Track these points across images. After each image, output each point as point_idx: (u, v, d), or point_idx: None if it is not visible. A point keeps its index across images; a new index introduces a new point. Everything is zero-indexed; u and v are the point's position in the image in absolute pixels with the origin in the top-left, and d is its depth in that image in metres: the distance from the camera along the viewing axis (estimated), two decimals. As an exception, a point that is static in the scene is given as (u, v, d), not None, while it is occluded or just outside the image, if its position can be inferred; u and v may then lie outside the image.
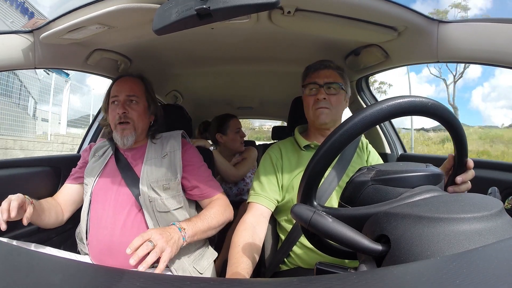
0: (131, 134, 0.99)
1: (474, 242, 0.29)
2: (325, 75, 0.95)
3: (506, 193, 0.85)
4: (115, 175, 0.98)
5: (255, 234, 0.82)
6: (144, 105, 1.03)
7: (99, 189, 0.97)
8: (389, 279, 0.22)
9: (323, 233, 0.36)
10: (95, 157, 1.06)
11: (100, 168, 1.00)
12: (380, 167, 0.47)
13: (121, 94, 1.00)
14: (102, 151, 1.07)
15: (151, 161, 0.99)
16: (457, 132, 0.46)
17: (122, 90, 1.01)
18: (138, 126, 1.00)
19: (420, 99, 0.41)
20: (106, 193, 0.95)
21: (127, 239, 0.85)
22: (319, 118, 0.93)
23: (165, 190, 0.94)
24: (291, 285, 0.23)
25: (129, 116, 0.98)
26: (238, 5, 0.50)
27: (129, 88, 1.01)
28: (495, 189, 0.49)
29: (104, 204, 0.93)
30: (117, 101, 1.00)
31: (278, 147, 1.00)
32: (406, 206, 0.36)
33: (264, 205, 0.89)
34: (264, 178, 0.93)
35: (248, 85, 1.89)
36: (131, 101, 1.00)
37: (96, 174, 0.99)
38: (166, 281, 0.23)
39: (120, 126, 0.98)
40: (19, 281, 0.21)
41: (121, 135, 0.98)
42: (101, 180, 0.98)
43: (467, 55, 0.78)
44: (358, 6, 0.77)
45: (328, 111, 0.93)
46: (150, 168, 0.97)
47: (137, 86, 1.03)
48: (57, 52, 0.96)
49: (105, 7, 0.74)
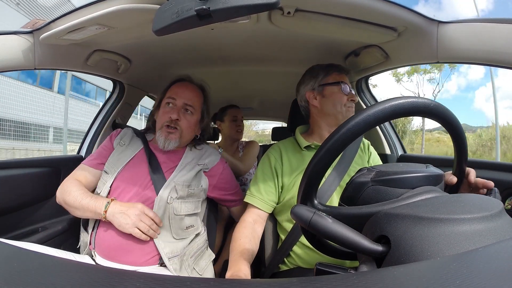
0: (175, 140, 0.97)
1: (474, 243, 0.29)
2: (347, 80, 0.99)
3: (506, 194, 0.85)
4: (142, 171, 0.94)
5: (254, 231, 0.88)
6: (197, 118, 1.02)
7: (121, 181, 0.93)
8: (389, 280, 0.22)
9: (323, 233, 0.36)
10: (120, 145, 1.02)
11: (126, 160, 0.96)
12: (380, 168, 0.47)
13: (179, 99, 0.98)
14: (127, 140, 1.03)
15: (184, 166, 0.98)
16: (457, 135, 0.46)
17: (182, 96, 0.99)
18: (184, 135, 0.99)
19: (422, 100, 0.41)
20: (128, 187, 0.92)
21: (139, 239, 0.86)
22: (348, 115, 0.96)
23: (189, 195, 0.94)
24: (291, 285, 0.23)
25: (180, 124, 0.97)
26: (238, 6, 0.50)
27: (189, 97, 0.99)
28: (495, 190, 0.49)
29: (124, 198, 0.90)
30: (172, 104, 0.98)
31: (278, 147, 1.00)
32: (406, 207, 0.36)
33: (258, 207, 0.92)
34: (261, 181, 0.95)
35: (247, 86, 1.89)
36: (186, 110, 0.99)
37: (121, 165, 0.95)
38: (166, 281, 0.23)
39: (167, 129, 0.96)
40: (19, 281, 0.21)
41: (165, 138, 0.96)
42: (125, 173, 0.94)
43: (467, 55, 0.78)
44: (358, 7, 0.77)
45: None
46: (181, 172, 0.96)
47: (198, 97, 1.02)
48: (57, 53, 0.96)
49: (105, 7, 0.74)
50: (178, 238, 0.91)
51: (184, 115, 0.98)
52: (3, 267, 0.25)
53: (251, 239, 0.84)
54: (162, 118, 0.98)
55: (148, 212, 0.85)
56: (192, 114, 1.00)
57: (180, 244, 0.92)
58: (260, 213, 0.92)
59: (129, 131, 1.08)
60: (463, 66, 7.66)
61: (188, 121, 0.98)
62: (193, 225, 0.96)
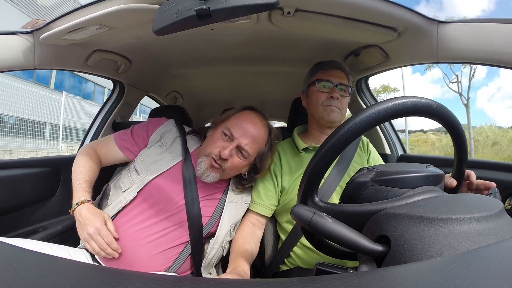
0: (214, 176, 0.84)
1: (474, 243, 0.29)
2: (339, 76, 0.96)
3: (506, 194, 0.85)
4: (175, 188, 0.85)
5: (254, 233, 0.89)
6: (249, 162, 0.88)
7: (154, 187, 0.84)
8: (389, 280, 0.22)
9: (323, 233, 0.36)
10: (160, 144, 0.92)
11: (165, 168, 0.87)
12: (380, 167, 0.47)
13: (239, 136, 0.83)
14: (169, 141, 0.92)
15: (232, 204, 0.91)
16: (458, 135, 0.46)
17: (243, 135, 0.84)
18: (226, 174, 0.87)
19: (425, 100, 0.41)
20: (158, 198, 0.84)
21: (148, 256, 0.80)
22: (330, 115, 0.92)
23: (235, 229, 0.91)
24: (291, 285, 0.23)
25: (226, 164, 0.83)
26: (238, 6, 0.50)
27: (250, 140, 0.84)
28: (495, 190, 0.49)
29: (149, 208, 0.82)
30: (229, 138, 0.84)
31: (277, 151, 0.99)
32: (406, 207, 0.36)
33: (259, 212, 0.92)
34: (261, 186, 0.95)
35: (247, 86, 1.89)
36: (241, 152, 0.84)
37: (158, 172, 0.86)
38: (166, 281, 0.23)
39: (212, 162, 0.83)
40: (19, 281, 0.21)
41: (205, 169, 0.83)
42: (160, 181, 0.85)
43: (467, 55, 0.78)
44: (358, 7, 0.77)
45: (339, 111, 0.94)
46: (232, 211, 0.90)
47: (260, 141, 0.87)
48: (57, 53, 0.96)
49: (105, 7, 0.74)
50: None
51: (236, 156, 0.84)
52: (3, 267, 0.25)
53: (250, 241, 0.85)
54: (212, 147, 0.84)
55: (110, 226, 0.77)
56: (246, 158, 0.85)
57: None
58: (260, 218, 0.93)
59: (174, 128, 0.97)
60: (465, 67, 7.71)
61: (237, 164, 0.85)
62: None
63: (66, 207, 1.20)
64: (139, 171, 0.87)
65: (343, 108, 0.95)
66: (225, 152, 0.81)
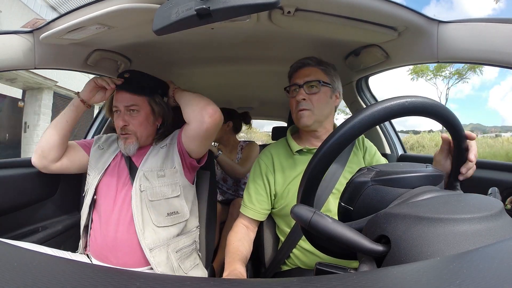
0: (133, 144, 0.97)
1: (474, 243, 0.29)
2: (305, 73, 0.92)
3: (507, 194, 0.85)
4: (122, 172, 0.98)
5: (247, 235, 0.90)
6: (146, 112, 0.99)
7: (104, 185, 0.97)
8: (389, 280, 0.22)
9: (323, 233, 0.36)
10: (98, 147, 1.05)
11: (107, 163, 1.00)
12: (380, 167, 0.47)
13: (120, 105, 0.97)
14: (107, 144, 1.07)
15: (149, 153, 1.01)
16: (457, 134, 0.46)
17: (120, 100, 0.97)
18: (141, 135, 0.99)
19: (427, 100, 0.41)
20: (111, 189, 0.95)
21: (128, 236, 0.88)
22: (300, 121, 0.90)
23: (159, 177, 0.95)
24: (291, 285, 0.23)
25: (130, 128, 0.97)
26: (238, 5, 0.50)
27: (128, 98, 0.97)
28: (495, 190, 0.49)
29: (109, 200, 0.93)
30: (118, 111, 0.98)
31: (269, 153, 0.97)
32: (406, 207, 0.36)
33: (250, 217, 0.92)
34: (253, 190, 0.94)
35: (248, 85, 1.89)
36: (132, 111, 0.97)
37: (102, 168, 0.99)
38: (166, 281, 0.23)
39: (122, 135, 0.98)
40: (19, 281, 0.21)
41: (123, 144, 0.97)
42: (107, 176, 0.98)
43: (467, 55, 0.78)
44: (358, 6, 0.76)
45: (310, 113, 0.89)
46: (147, 160, 0.98)
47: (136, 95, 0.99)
48: (57, 53, 0.96)
49: (105, 7, 0.74)
50: (160, 226, 0.91)
51: (131, 116, 0.97)
52: (3, 267, 0.25)
53: (245, 243, 0.86)
54: (116, 125, 0.99)
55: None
56: (139, 112, 0.97)
57: (163, 234, 0.91)
58: (252, 221, 0.93)
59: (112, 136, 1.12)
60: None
61: (136, 120, 0.97)
62: (176, 212, 0.96)
63: (66, 207, 1.20)
64: (90, 173, 1.01)
65: (316, 105, 0.89)
66: (120, 121, 0.96)
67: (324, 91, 0.91)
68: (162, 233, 0.91)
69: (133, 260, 0.88)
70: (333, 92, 0.94)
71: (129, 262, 0.88)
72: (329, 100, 0.92)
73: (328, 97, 0.92)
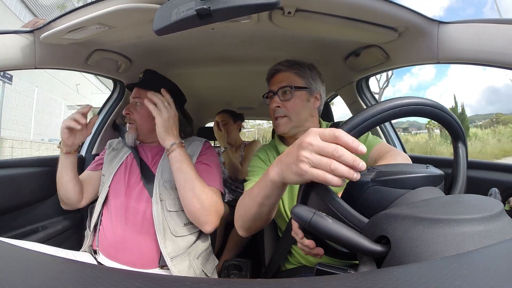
0: (132, 134, 1.03)
1: (474, 243, 0.28)
2: (278, 80, 0.90)
3: (507, 194, 0.84)
4: (133, 170, 1.00)
5: None
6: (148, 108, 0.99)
7: (117, 182, 0.98)
8: (389, 280, 0.22)
9: (323, 234, 0.36)
10: (112, 150, 1.10)
11: (119, 162, 1.03)
12: (380, 168, 0.47)
13: (130, 97, 1.04)
14: (121, 144, 1.11)
15: (165, 159, 0.99)
16: (457, 133, 0.46)
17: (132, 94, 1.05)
18: (141, 128, 1.03)
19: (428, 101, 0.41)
20: (123, 187, 0.96)
21: (138, 236, 0.89)
22: (277, 130, 0.89)
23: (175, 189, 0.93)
24: (291, 285, 0.23)
25: (132, 117, 1.02)
26: (239, 6, 0.50)
27: (136, 91, 1.03)
28: (496, 190, 0.49)
29: (120, 198, 0.94)
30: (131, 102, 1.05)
31: (265, 151, 0.97)
32: (406, 207, 0.36)
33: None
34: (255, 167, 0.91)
35: (248, 86, 1.89)
36: (136, 104, 1.02)
37: (115, 167, 1.01)
38: (166, 281, 0.23)
39: (128, 124, 1.05)
40: (19, 281, 0.21)
41: (128, 134, 1.04)
42: (119, 174, 1.00)
43: (468, 56, 0.78)
44: (358, 7, 0.77)
45: (286, 120, 0.87)
46: (166, 168, 0.97)
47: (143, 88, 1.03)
48: (58, 52, 0.96)
49: (105, 7, 0.74)
50: (177, 236, 0.91)
51: (135, 108, 1.02)
52: (3, 266, 0.25)
53: None
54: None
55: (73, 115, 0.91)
56: (142, 105, 1.00)
57: (181, 243, 0.91)
58: None
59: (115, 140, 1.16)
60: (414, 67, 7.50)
61: (138, 112, 1.02)
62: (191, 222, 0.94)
63: (66, 206, 1.20)
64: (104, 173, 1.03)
65: (291, 111, 0.86)
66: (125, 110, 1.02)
67: (299, 96, 0.88)
68: (181, 243, 0.91)
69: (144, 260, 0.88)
70: (311, 94, 0.91)
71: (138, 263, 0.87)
72: (306, 104, 0.89)
73: (304, 100, 0.89)
